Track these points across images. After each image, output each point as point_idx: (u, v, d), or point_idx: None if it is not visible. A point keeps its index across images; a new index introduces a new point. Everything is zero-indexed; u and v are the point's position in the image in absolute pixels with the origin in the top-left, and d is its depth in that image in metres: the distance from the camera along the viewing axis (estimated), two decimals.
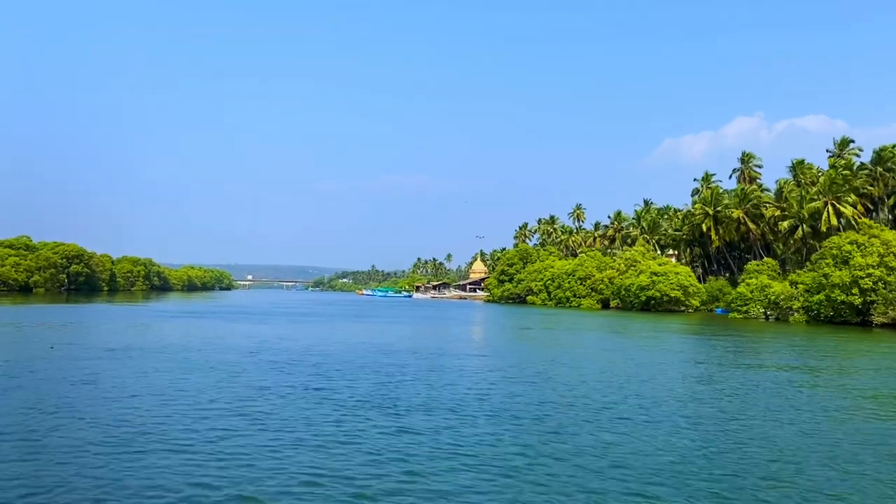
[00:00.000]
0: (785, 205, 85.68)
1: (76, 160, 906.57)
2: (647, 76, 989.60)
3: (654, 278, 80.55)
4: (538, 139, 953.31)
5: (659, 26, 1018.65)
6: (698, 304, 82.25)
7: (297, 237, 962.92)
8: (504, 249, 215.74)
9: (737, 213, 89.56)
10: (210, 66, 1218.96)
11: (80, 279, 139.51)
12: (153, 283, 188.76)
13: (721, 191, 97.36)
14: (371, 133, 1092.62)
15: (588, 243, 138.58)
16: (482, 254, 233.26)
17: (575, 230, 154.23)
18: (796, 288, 59.41)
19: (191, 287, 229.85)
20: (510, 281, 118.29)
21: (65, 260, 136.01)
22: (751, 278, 78.89)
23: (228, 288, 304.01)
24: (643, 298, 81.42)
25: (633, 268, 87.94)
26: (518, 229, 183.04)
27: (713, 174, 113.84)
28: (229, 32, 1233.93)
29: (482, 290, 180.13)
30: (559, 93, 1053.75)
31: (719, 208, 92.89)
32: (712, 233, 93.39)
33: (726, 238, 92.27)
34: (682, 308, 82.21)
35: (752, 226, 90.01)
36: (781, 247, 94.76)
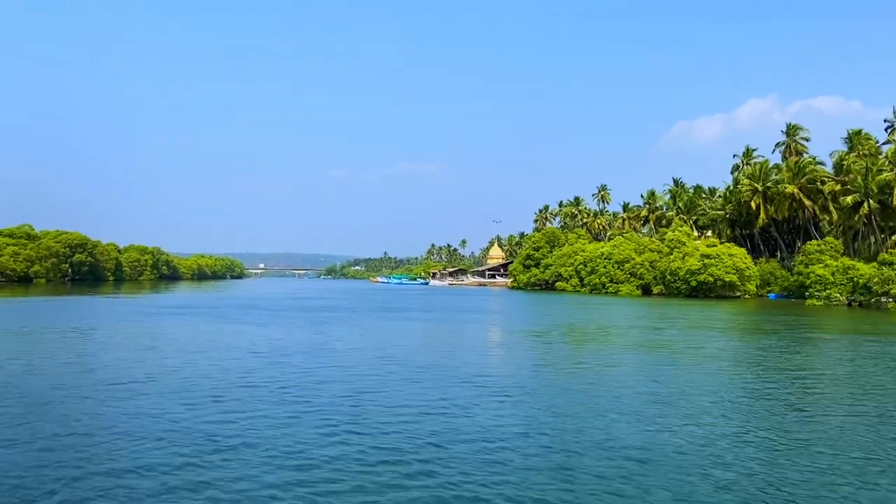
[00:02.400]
0: (846, 178, 77.72)
1: (85, 151, 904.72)
2: (661, 58, 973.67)
3: (706, 261, 72.89)
4: (549, 124, 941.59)
5: (672, 7, 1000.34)
6: (755, 290, 74.54)
7: (308, 225, 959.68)
8: (523, 234, 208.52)
9: (790, 189, 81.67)
10: (220, 55, 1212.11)
11: (84, 269, 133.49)
12: (162, 272, 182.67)
13: (770, 165, 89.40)
14: (382, 121, 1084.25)
15: (617, 225, 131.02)
16: (499, 239, 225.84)
17: (599, 212, 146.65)
18: (893, 269, 51.58)
19: (201, 276, 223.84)
20: (537, 266, 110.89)
21: (67, 249, 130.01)
22: (811, 260, 71.36)
23: (240, 276, 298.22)
24: (693, 283, 73.86)
25: (677, 250, 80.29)
26: (538, 212, 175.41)
27: (754, 148, 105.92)
28: (239, 21, 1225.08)
29: (501, 276, 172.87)
30: (570, 76, 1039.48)
31: (769, 184, 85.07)
32: (761, 211, 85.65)
33: (778, 216, 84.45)
34: (738, 294, 74.54)
35: (807, 202, 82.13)
36: (827, 226, 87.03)
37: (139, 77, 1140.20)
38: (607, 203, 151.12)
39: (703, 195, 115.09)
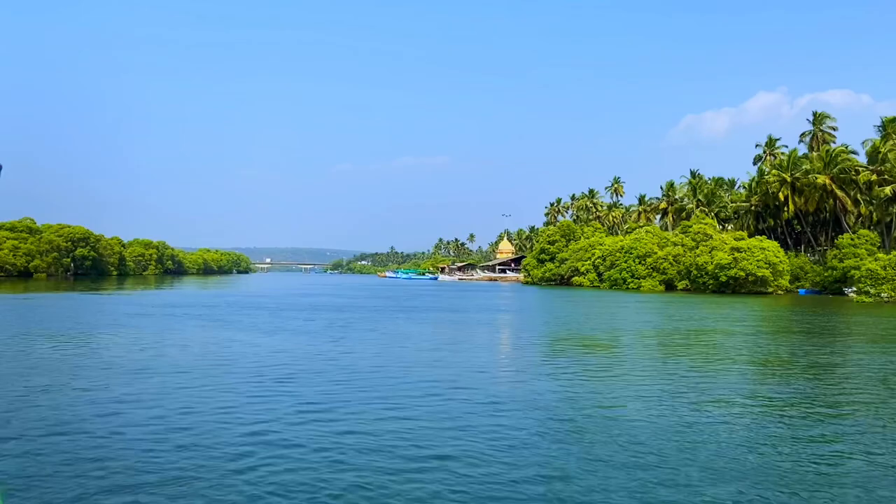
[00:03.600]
0: (882, 167, 73.68)
1: (91, 144, 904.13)
2: (668, 50, 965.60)
3: (737, 255, 68.98)
4: (556, 118, 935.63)
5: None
6: (789, 285, 70.68)
7: (314, 220, 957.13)
8: (533, 228, 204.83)
9: (822, 179, 77.68)
10: (224, 49, 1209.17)
11: (87, 263, 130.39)
12: (167, 266, 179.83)
13: (799, 155, 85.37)
14: (387, 115, 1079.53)
15: (633, 218, 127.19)
16: (508, 233, 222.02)
17: (613, 205, 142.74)
18: None
19: (207, 270, 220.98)
20: (552, 260, 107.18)
21: (70, 243, 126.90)
22: (845, 254, 67.61)
23: (246, 271, 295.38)
24: (723, 279, 69.96)
25: (703, 243, 76.34)
26: (550, 205, 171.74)
27: (777, 138, 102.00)
28: (245, 15, 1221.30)
29: (512, 270, 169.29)
30: (576, 69, 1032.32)
31: (797, 174, 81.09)
32: (790, 202, 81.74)
33: (809, 208, 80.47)
34: (770, 290, 70.67)
35: (839, 193, 78.12)
36: (852, 219, 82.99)
37: (146, 69, 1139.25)
38: (621, 196, 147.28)
39: (724, 187, 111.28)
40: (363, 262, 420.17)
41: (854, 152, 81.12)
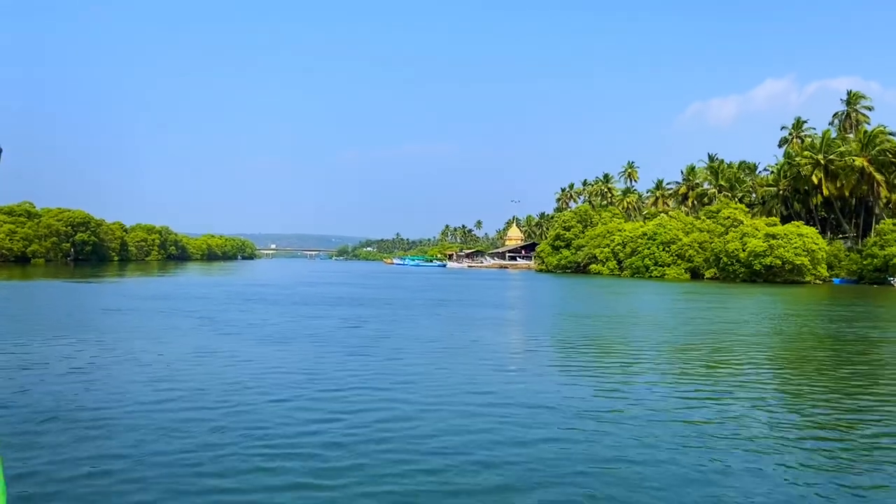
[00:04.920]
0: None
1: (96, 129, 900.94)
2: (676, 37, 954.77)
3: (773, 241, 64.73)
4: (562, 104, 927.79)
5: None
6: (827, 274, 66.55)
7: (320, 206, 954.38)
8: (543, 214, 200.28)
9: (859, 162, 73.27)
10: (230, 35, 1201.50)
11: (87, 249, 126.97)
12: (170, 252, 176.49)
13: (832, 136, 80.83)
14: (393, 102, 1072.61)
15: (650, 203, 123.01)
16: (517, 220, 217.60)
17: (628, 190, 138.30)
18: None
19: (211, 256, 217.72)
20: (567, 247, 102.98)
21: (69, 228, 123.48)
22: (887, 241, 63.55)
23: (251, 257, 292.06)
24: (757, 267, 65.74)
25: (733, 229, 72.09)
26: (561, 191, 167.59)
27: (805, 120, 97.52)
28: (250, 3, 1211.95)
29: (523, 258, 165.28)
30: (582, 56, 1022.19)
31: (832, 157, 76.64)
32: (822, 186, 77.40)
33: (845, 192, 76.15)
34: (807, 279, 66.48)
35: (878, 177, 73.78)
36: (881, 204, 78.63)
37: (152, 56, 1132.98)
38: (635, 181, 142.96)
39: (746, 170, 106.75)
40: (369, 249, 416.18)
41: (893, 133, 76.68)
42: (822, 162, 76.80)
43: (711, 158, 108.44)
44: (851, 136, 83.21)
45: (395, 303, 35.56)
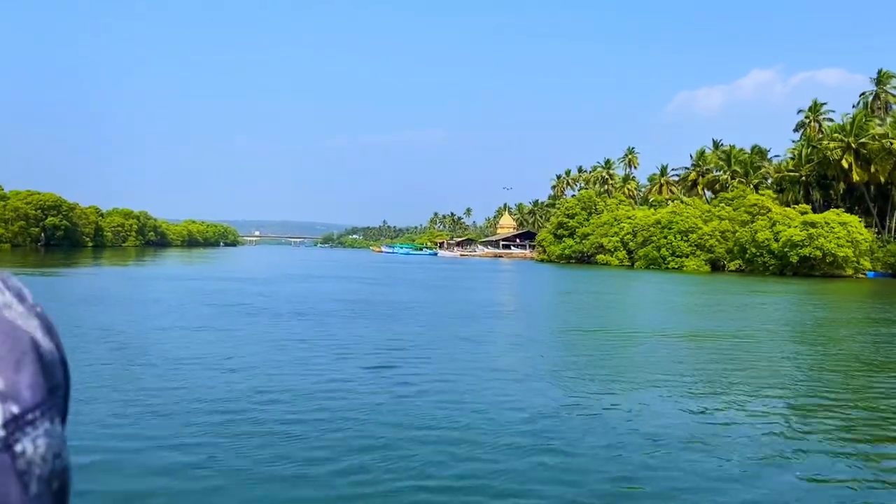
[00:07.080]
0: None
1: (72, 109, 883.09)
2: (663, 27, 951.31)
3: (812, 231, 58.84)
4: (551, 93, 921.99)
5: None
6: (870, 267, 60.84)
7: (305, 193, 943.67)
8: (537, 202, 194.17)
9: None
10: (217, 18, 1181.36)
11: (59, 234, 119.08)
12: (148, 238, 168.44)
13: (864, 118, 75.06)
14: (382, 88, 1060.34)
15: (654, 190, 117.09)
16: (508, 207, 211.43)
17: (628, 177, 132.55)
18: None
19: (192, 243, 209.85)
20: (571, 236, 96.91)
21: (39, 211, 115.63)
22: None
23: (234, 244, 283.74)
24: (793, 258, 59.83)
25: (761, 217, 66.20)
26: (557, 177, 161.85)
27: (823, 103, 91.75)
28: None
29: (517, 247, 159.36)
30: (571, 42, 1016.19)
31: (864, 139, 70.90)
32: (854, 171, 71.73)
33: (880, 178, 70.53)
34: (848, 272, 60.68)
35: None
36: None
37: (132, 36, 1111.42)
38: (635, 167, 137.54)
39: (759, 156, 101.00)
40: (354, 236, 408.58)
41: None
42: (853, 145, 71.08)
43: (717, 144, 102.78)
44: (877, 119, 77.54)
45: (424, 311, 24.30)
